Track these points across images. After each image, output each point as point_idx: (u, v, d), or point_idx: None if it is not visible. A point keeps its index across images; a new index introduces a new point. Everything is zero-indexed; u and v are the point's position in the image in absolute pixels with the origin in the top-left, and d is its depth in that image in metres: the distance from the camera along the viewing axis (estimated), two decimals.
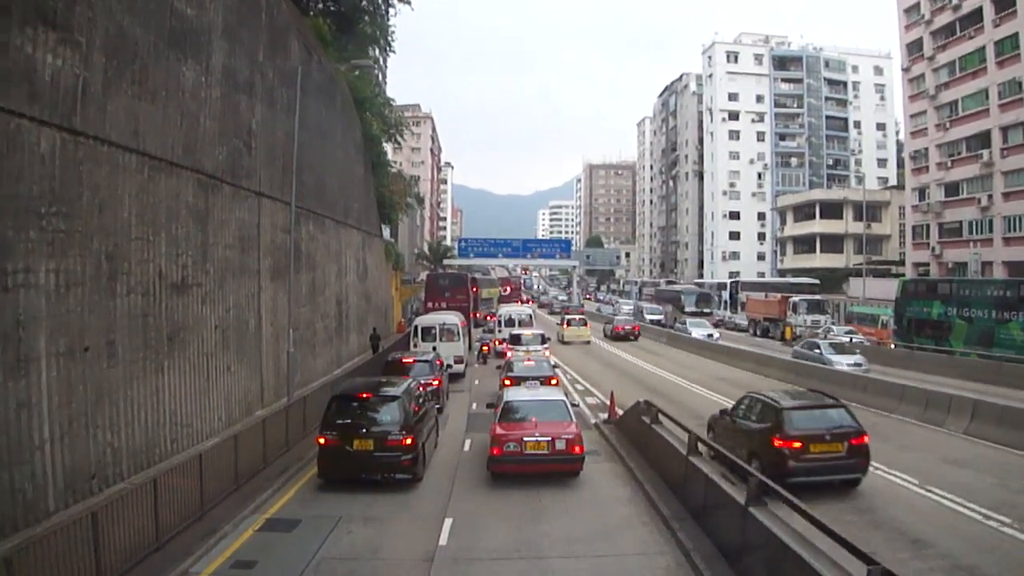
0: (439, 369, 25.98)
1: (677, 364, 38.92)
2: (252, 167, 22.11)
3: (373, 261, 45.31)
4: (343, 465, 15.26)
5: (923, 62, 67.02)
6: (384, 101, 49.64)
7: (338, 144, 34.53)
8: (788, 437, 13.90)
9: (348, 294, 36.80)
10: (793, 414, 14.43)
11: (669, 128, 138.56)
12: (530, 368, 24.73)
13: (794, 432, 13.98)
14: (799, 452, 13.75)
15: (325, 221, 31.61)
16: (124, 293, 14.79)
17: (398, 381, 18.11)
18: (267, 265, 23.42)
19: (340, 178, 35.04)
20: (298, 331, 26.78)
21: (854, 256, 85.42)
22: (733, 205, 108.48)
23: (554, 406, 16.60)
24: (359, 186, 40.65)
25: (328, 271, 32.17)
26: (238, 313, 20.97)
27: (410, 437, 15.30)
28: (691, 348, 46.54)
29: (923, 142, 67.93)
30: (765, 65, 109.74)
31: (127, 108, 14.92)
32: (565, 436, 15.34)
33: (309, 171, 28.81)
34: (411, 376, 21.83)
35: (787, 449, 13.80)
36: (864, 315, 52.87)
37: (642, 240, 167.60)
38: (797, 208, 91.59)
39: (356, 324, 39.13)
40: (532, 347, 35.76)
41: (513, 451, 15.29)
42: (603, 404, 25.45)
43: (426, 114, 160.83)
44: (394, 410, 15.68)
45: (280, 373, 23.58)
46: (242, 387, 21.11)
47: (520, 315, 47.40)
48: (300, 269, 27.38)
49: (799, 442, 13.83)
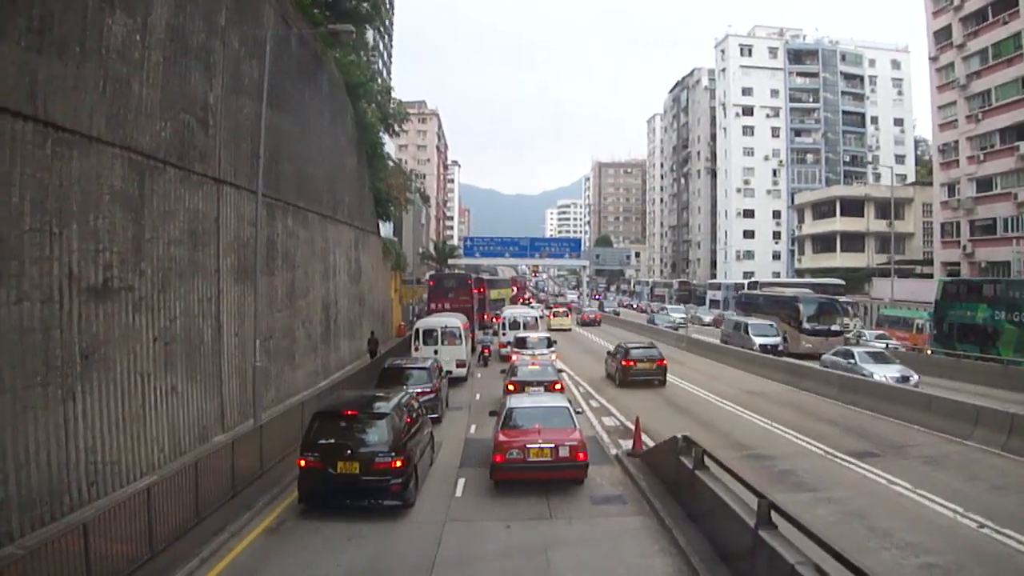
0: (438, 376, 24.55)
1: (701, 374, 35.33)
2: (209, 148, 18.76)
3: (368, 260, 41.99)
4: (326, 490, 13.98)
5: (952, 50, 63.46)
6: (383, 89, 46.09)
7: (325, 131, 31.22)
8: None
9: (337, 296, 33.49)
10: None
11: (680, 124, 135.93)
12: (534, 373, 24.15)
13: None
14: None
15: (308, 215, 28.30)
16: (11, 300, 11.45)
17: (389, 394, 16.76)
18: (230, 264, 20.07)
19: (328, 169, 31.72)
20: (272, 340, 23.52)
21: (876, 255, 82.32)
22: (747, 203, 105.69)
23: (558, 412, 16.30)
24: (351, 179, 37.33)
25: (312, 271, 28.84)
26: (188, 322, 17.62)
27: (400, 459, 14.01)
28: (711, 354, 43.06)
29: (952, 135, 64.37)
30: (780, 59, 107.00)
31: (18, 62, 11.59)
32: (569, 443, 15.13)
33: (288, 159, 25.51)
34: (408, 384, 21.37)
35: None
36: (896, 318, 49.16)
37: (652, 240, 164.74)
38: (816, 205, 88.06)
39: (348, 329, 35.82)
40: (538, 351, 34.07)
41: (516, 458, 15.01)
42: (623, 428, 22.07)
43: (432, 111, 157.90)
44: (383, 429, 14.34)
45: (249, 390, 20.29)
46: (194, 410, 17.77)
47: (526, 318, 45.20)
48: (275, 269, 24.09)
49: None
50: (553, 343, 36.88)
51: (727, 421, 23.34)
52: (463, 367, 32.53)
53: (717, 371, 36.50)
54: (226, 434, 19.03)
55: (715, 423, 22.88)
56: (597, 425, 22.76)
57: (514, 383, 22.94)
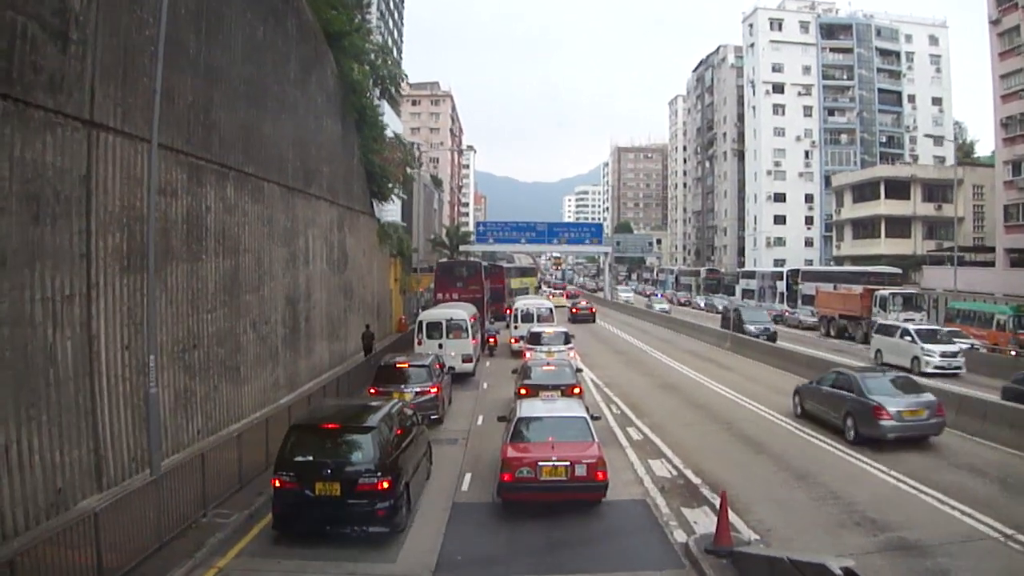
0: (439, 374, 22.51)
1: (760, 384, 29.18)
2: (69, 74, 12.55)
3: (358, 245, 35.82)
4: (304, 514, 12.37)
5: (1017, 12, 56.71)
6: (378, 49, 39.51)
7: (290, 82, 24.99)
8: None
9: (311, 288, 27.36)
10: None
11: (705, 105, 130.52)
12: (549, 375, 21.64)
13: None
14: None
15: (264, 185, 22.12)
16: None
17: (378, 404, 14.95)
18: (112, 247, 13.84)
19: (295, 130, 25.50)
20: (198, 349, 17.41)
21: (922, 241, 75.64)
22: (778, 186, 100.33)
23: (574, 424, 14.72)
24: (332, 147, 31.09)
25: (269, 256, 22.67)
26: (22, 334, 11.47)
27: (387, 479, 12.40)
28: (755, 354, 36.74)
29: (1017, 106, 57.72)
30: (812, 33, 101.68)
31: None
32: (586, 460, 13.56)
33: (227, 108, 19.34)
34: (405, 384, 20.78)
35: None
36: (970, 312, 42.39)
37: (674, 226, 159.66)
38: (857, 187, 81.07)
39: (328, 328, 29.72)
40: (554, 347, 30.96)
41: (527, 477, 13.45)
42: (684, 482, 15.73)
43: (445, 92, 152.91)
44: (368, 445, 12.70)
45: (147, 426, 14.20)
46: (37, 468, 11.64)
47: (540, 309, 40.63)
48: (203, 254, 17.94)
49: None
50: (571, 338, 33.22)
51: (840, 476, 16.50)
52: (470, 362, 30.20)
53: (756, 372, 30.51)
54: (104, 493, 13.00)
55: (766, 441, 17.03)
56: (642, 471, 16.55)
57: (526, 387, 20.60)
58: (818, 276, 64.97)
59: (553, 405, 16.30)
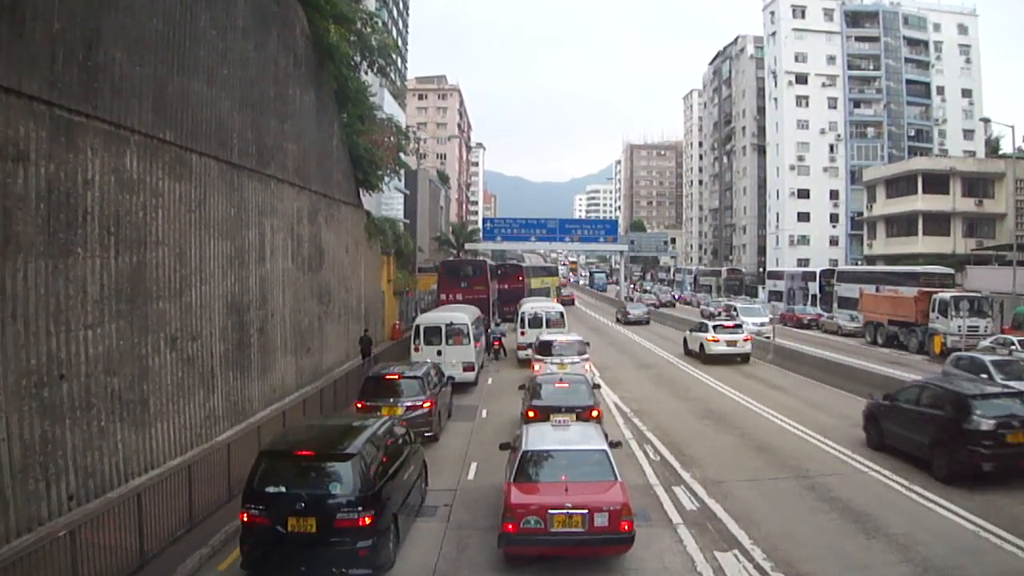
0: (434, 386, 20.58)
1: (806, 403, 23.91)
2: None
3: (339, 240, 30.65)
4: (275, 554, 10.63)
5: None
6: (366, 17, 34.10)
7: (239, 31, 19.83)
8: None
9: (267, 291, 22.17)
10: None
11: (722, 98, 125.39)
12: (563, 394, 18.51)
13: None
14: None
15: (189, 158, 16.89)
16: None
17: (362, 424, 12.98)
18: None
19: (245, 95, 20.32)
20: (66, 382, 12.27)
21: (962, 239, 70.21)
22: (802, 182, 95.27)
23: (591, 458, 12.15)
24: (302, 121, 25.88)
25: (199, 252, 17.44)
26: None
27: (369, 514, 10.62)
28: (809, 370, 31.25)
29: None
30: (836, 21, 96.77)
31: None
32: (608, 506, 10.96)
33: (127, 50, 14.17)
34: (395, 399, 19.06)
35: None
36: None
37: (689, 225, 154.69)
38: (891, 182, 75.42)
39: (293, 340, 24.53)
40: (567, 358, 26.90)
41: (534, 528, 10.93)
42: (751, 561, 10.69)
43: (453, 86, 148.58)
44: (348, 474, 10.91)
45: None
46: None
47: (549, 313, 36.68)
48: (75, 246, 12.73)
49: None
50: (586, 347, 29.10)
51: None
52: (471, 371, 28.40)
53: (821, 396, 25.11)
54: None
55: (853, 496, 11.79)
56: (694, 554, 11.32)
57: (535, 409, 17.71)
58: (857, 277, 59.04)
59: (566, 435, 13.42)
